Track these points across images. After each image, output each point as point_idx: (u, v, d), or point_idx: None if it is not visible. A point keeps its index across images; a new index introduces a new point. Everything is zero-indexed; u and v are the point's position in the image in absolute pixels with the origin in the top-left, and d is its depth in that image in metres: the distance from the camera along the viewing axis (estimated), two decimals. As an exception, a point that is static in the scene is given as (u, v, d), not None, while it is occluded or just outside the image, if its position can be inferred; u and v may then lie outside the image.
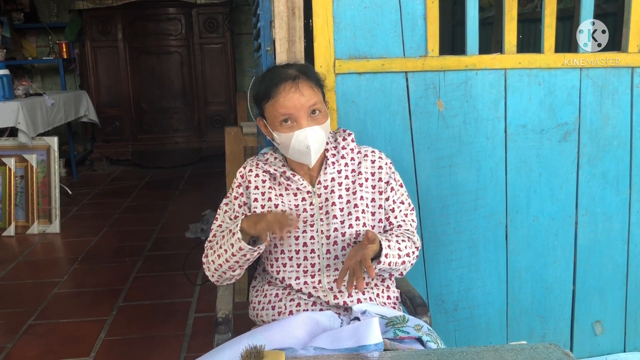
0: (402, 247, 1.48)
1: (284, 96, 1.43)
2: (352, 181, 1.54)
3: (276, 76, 1.46)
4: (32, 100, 4.38)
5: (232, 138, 2.80)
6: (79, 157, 6.12)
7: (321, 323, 1.33)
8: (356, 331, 1.27)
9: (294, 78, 1.44)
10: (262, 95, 1.48)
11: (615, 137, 2.08)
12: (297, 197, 1.52)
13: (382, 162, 1.58)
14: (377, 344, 1.24)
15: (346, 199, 1.52)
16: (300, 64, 1.53)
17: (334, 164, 1.55)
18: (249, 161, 1.61)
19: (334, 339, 1.25)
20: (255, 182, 1.54)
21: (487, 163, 2.04)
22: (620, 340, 2.24)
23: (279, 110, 1.44)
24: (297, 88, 1.43)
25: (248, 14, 6.35)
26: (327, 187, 1.53)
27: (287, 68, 1.49)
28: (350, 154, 1.57)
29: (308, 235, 1.49)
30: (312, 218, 1.50)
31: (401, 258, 1.48)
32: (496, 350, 1.17)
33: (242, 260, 1.45)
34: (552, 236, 2.12)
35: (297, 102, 1.43)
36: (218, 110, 6.26)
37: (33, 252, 3.74)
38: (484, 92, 1.99)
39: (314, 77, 1.49)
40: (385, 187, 1.56)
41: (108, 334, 2.60)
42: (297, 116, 1.44)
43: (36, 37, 6.44)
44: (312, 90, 1.45)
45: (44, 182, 4.16)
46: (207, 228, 3.94)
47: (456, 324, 2.13)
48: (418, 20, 1.93)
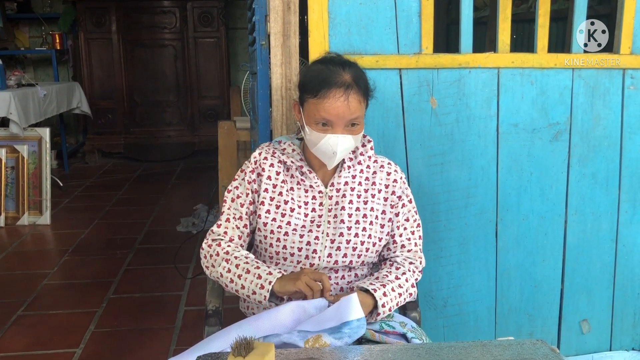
0: (402, 282, 1.48)
1: (330, 103, 1.40)
2: (365, 189, 1.54)
3: (330, 77, 1.41)
4: (25, 91, 4.35)
5: (225, 132, 2.80)
6: (71, 149, 6.09)
7: (308, 310, 1.33)
8: (337, 310, 1.28)
9: (347, 87, 1.40)
10: (310, 88, 1.44)
11: (606, 137, 2.10)
12: (307, 195, 1.51)
13: (397, 176, 1.57)
14: (359, 319, 1.25)
15: (356, 205, 1.52)
16: (356, 68, 1.47)
17: (349, 168, 1.54)
18: (264, 147, 1.57)
19: (318, 322, 1.27)
20: (269, 171, 1.52)
21: (479, 161, 2.05)
22: (606, 338, 2.26)
23: (320, 113, 1.41)
24: (347, 98, 1.40)
25: (243, 9, 6.34)
26: (340, 191, 1.52)
27: (343, 70, 1.43)
28: (367, 162, 1.57)
29: (313, 235, 1.48)
30: (320, 219, 1.50)
31: (402, 296, 1.47)
32: (484, 346, 1.18)
33: (251, 300, 1.44)
34: (542, 235, 2.13)
35: (341, 112, 1.40)
36: (211, 105, 6.25)
37: (23, 243, 3.73)
38: (477, 90, 2.00)
39: (364, 88, 1.46)
40: (397, 201, 1.56)
41: (98, 326, 2.60)
42: (336, 124, 1.42)
43: (29, 27, 6.40)
44: (358, 105, 1.42)
45: (35, 173, 4.14)
46: (199, 222, 3.93)
47: (445, 320, 2.14)
48: (413, 17, 1.93)
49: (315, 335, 1.20)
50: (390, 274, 1.49)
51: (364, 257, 1.50)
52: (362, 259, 1.50)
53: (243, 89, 3.43)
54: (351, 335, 1.23)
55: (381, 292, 1.41)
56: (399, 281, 1.47)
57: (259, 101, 1.99)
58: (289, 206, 1.49)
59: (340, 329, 1.23)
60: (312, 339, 1.19)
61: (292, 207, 1.49)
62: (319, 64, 1.48)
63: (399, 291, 1.46)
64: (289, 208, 1.49)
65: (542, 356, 1.13)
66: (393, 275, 1.48)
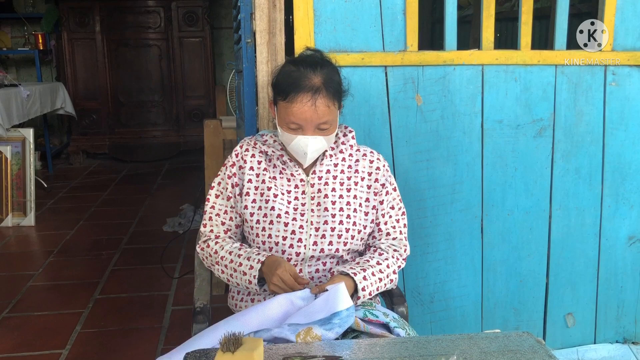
0: (383, 268, 1.49)
1: (298, 108, 1.42)
2: (348, 177, 1.55)
3: (299, 80, 1.42)
4: (7, 91, 4.30)
5: (212, 131, 2.80)
6: (55, 150, 6.03)
7: (296, 303, 1.34)
8: (326, 301, 1.29)
9: (315, 91, 1.41)
10: (279, 90, 1.46)
11: (589, 133, 2.13)
12: (290, 184, 1.53)
13: (379, 164, 1.59)
14: (348, 309, 1.27)
15: (339, 193, 1.53)
16: (329, 69, 1.47)
17: (331, 156, 1.55)
18: (247, 140, 1.60)
19: (307, 314, 1.27)
20: (251, 162, 1.54)
21: (464, 157, 2.07)
22: (591, 332, 2.29)
23: (289, 117, 1.43)
24: (314, 103, 1.41)
25: (227, 8, 6.32)
26: (322, 179, 1.54)
27: (314, 73, 1.43)
28: (349, 150, 1.58)
29: (297, 223, 1.50)
30: (304, 207, 1.51)
31: (383, 281, 1.48)
32: (471, 338, 1.19)
33: (242, 285, 1.48)
34: (527, 230, 2.16)
35: (308, 116, 1.42)
36: (197, 104, 6.23)
37: (7, 245, 3.69)
38: (462, 87, 2.02)
39: (334, 90, 1.46)
40: (381, 189, 1.57)
41: (84, 327, 2.58)
42: (305, 127, 1.44)
43: (11, 27, 6.33)
44: (327, 109, 1.43)
45: (18, 175, 4.10)
46: (185, 222, 3.92)
47: (432, 315, 2.16)
48: (398, 15, 1.95)
49: (306, 328, 1.20)
50: (371, 259, 1.51)
51: (349, 244, 1.51)
52: (348, 246, 1.51)
53: (229, 87, 3.43)
54: (341, 325, 1.24)
55: (361, 276, 1.43)
56: (380, 266, 1.49)
57: (245, 99, 1.99)
58: (272, 192, 1.50)
59: (330, 319, 1.24)
60: (303, 331, 1.20)
61: (275, 193, 1.50)
62: (292, 64, 1.49)
63: (379, 276, 1.47)
64: (272, 194, 1.50)
65: (528, 348, 1.14)
66: (375, 260, 1.50)
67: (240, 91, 2.42)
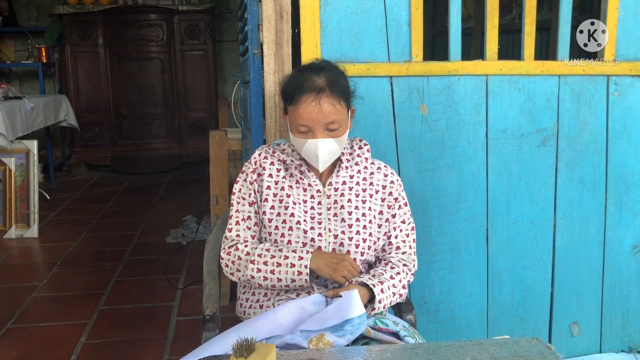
0: (396, 282, 1.51)
1: (303, 108, 1.44)
2: (363, 189, 1.57)
3: (303, 82, 1.46)
4: (12, 104, 4.33)
5: (217, 142, 2.81)
6: (57, 162, 6.05)
7: (307, 309, 1.35)
8: (339, 308, 1.30)
9: (318, 91, 1.44)
10: (287, 96, 1.50)
11: (592, 142, 2.15)
12: (306, 193, 1.54)
13: (393, 178, 1.62)
14: (360, 316, 1.27)
15: (355, 204, 1.54)
16: (333, 72, 1.50)
17: (347, 168, 1.57)
18: (264, 147, 1.61)
19: (319, 321, 1.28)
20: (270, 169, 1.55)
21: (469, 167, 2.08)
22: (596, 341, 2.29)
23: (297, 119, 1.46)
24: (318, 102, 1.44)
25: (230, 22, 6.37)
26: (338, 190, 1.55)
27: (317, 75, 1.46)
28: (364, 163, 1.60)
29: (316, 232, 1.51)
30: (320, 216, 1.52)
31: (395, 295, 1.50)
32: (480, 344, 1.20)
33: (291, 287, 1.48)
34: (531, 239, 2.17)
35: (314, 116, 1.44)
36: (199, 117, 6.25)
37: (10, 257, 3.69)
38: (466, 97, 2.04)
39: (339, 90, 1.48)
40: (394, 202, 1.59)
41: (89, 338, 2.58)
42: (313, 129, 1.46)
43: (15, 41, 6.37)
44: (332, 107, 1.45)
45: (22, 186, 4.11)
46: (188, 233, 3.93)
47: (438, 325, 2.16)
48: (403, 26, 1.97)
49: (319, 334, 1.21)
50: (385, 272, 1.52)
51: (366, 254, 1.52)
52: (365, 257, 1.52)
53: (233, 99, 3.45)
54: (353, 332, 1.25)
55: (379, 288, 1.45)
56: (394, 281, 1.50)
57: (252, 109, 2.01)
58: (292, 199, 1.52)
59: (342, 326, 1.24)
60: (315, 338, 1.21)
61: (294, 201, 1.52)
62: (297, 71, 1.54)
63: (393, 290, 1.49)
64: (292, 201, 1.51)
65: (537, 353, 1.15)
66: (388, 274, 1.51)
67: (245, 102, 2.44)
